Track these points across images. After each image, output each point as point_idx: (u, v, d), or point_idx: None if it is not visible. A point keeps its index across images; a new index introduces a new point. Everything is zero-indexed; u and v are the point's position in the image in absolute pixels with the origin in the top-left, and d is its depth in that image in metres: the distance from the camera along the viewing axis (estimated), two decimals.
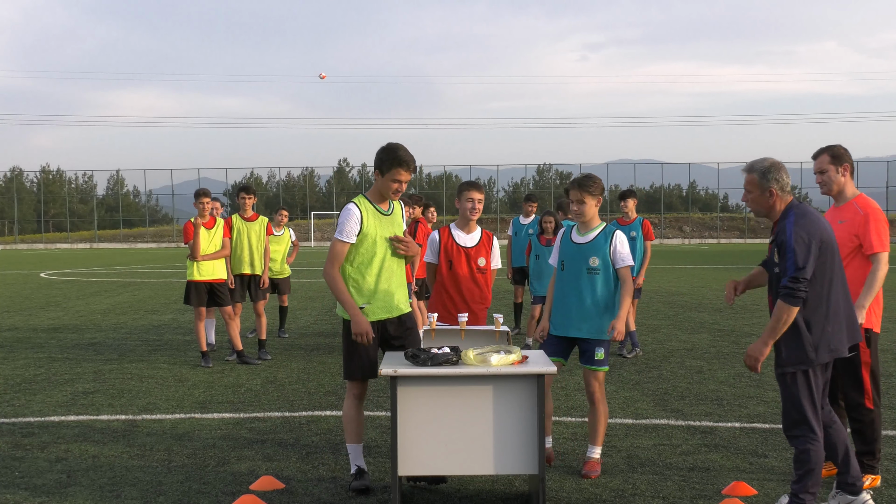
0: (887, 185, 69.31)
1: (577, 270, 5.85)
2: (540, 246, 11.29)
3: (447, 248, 6.53)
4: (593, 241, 5.85)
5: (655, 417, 7.40)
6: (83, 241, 71.24)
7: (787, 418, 4.74)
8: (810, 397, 4.66)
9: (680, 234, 72.40)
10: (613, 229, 5.91)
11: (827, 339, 4.65)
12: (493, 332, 5.85)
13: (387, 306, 5.58)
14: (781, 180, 4.74)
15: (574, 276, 5.85)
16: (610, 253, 5.82)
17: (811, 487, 4.65)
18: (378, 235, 5.51)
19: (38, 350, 11.55)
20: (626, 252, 5.83)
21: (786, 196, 4.76)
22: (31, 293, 21.40)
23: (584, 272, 5.82)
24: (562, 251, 5.99)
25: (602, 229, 5.89)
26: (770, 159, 4.80)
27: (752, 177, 4.77)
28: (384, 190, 5.55)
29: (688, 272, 27.76)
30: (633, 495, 5.36)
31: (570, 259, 5.90)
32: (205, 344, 10.29)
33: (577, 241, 5.92)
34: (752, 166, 4.80)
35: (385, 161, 5.47)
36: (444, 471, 5.08)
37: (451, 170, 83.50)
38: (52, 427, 7.20)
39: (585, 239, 5.89)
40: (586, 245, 5.86)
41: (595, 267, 5.81)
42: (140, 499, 5.37)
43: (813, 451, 4.65)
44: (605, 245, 5.83)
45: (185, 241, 10.49)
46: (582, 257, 5.84)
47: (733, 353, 10.80)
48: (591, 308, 5.81)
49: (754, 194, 4.79)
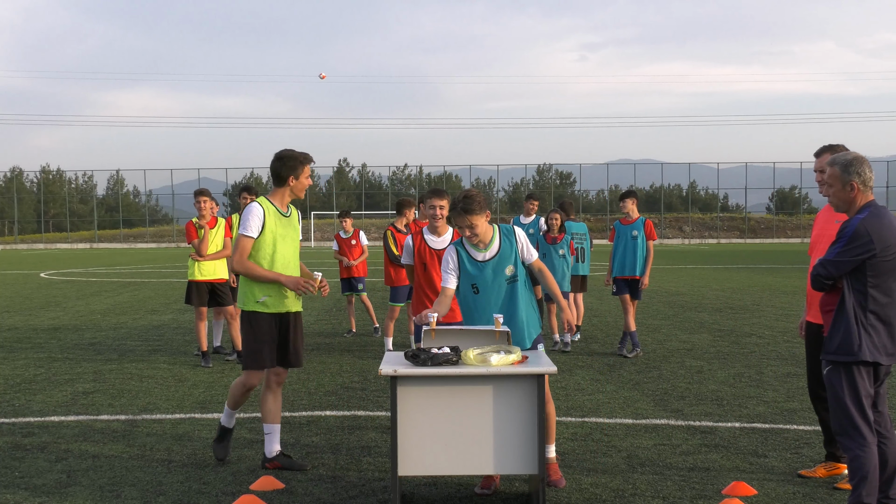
0: (887, 185, 69.34)
1: (497, 287, 5.48)
2: (546, 244, 11.41)
3: (420, 252, 6.97)
4: (500, 252, 5.49)
5: (655, 417, 7.40)
6: (83, 241, 71.25)
7: (835, 422, 4.68)
8: (855, 398, 4.58)
9: (680, 234, 72.41)
10: (510, 229, 5.57)
11: (875, 340, 4.59)
12: (492, 332, 5.81)
13: (284, 301, 5.98)
14: (864, 174, 4.66)
15: (496, 294, 5.49)
16: (520, 253, 5.52)
17: (866, 497, 4.52)
18: (277, 234, 5.95)
19: (38, 350, 11.55)
20: (529, 244, 5.56)
21: (867, 192, 4.69)
22: (31, 293, 21.40)
23: (504, 285, 5.49)
24: (468, 276, 5.50)
25: (500, 236, 5.52)
26: (853, 153, 4.73)
27: (835, 170, 4.71)
28: (299, 191, 6.03)
29: (688, 272, 27.77)
30: (633, 495, 5.36)
31: (484, 279, 5.48)
32: (205, 343, 10.28)
33: (483, 259, 5.49)
34: (834, 160, 4.73)
35: (291, 165, 5.95)
36: (445, 471, 5.08)
37: (451, 170, 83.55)
38: (52, 427, 7.20)
39: (490, 253, 5.49)
40: (495, 259, 5.48)
41: (513, 275, 5.49)
42: (140, 499, 5.37)
43: (863, 457, 4.54)
44: (511, 250, 5.50)
45: (187, 240, 10.49)
46: (496, 271, 5.48)
47: (733, 353, 10.80)
48: (524, 315, 5.54)
49: (836, 188, 4.72)
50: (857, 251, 4.53)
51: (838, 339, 4.63)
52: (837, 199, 4.75)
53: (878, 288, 4.57)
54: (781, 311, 15.61)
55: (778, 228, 74.14)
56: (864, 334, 4.57)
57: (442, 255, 6.65)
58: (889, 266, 4.57)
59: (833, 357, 4.66)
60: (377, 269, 25.94)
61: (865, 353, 4.58)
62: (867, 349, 4.57)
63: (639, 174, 71.66)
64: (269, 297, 5.93)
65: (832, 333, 4.67)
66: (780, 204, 79.36)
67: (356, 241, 13.07)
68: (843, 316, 4.63)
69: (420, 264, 6.94)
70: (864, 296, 4.59)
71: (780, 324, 13.77)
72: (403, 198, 10.43)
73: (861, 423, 4.58)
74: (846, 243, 4.56)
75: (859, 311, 4.59)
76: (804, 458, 6.13)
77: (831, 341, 4.67)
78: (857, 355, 4.58)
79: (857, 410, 4.58)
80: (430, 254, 6.93)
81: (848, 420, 4.59)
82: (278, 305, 5.96)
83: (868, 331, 4.58)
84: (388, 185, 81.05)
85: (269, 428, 6.05)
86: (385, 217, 69.67)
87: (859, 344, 4.57)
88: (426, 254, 6.93)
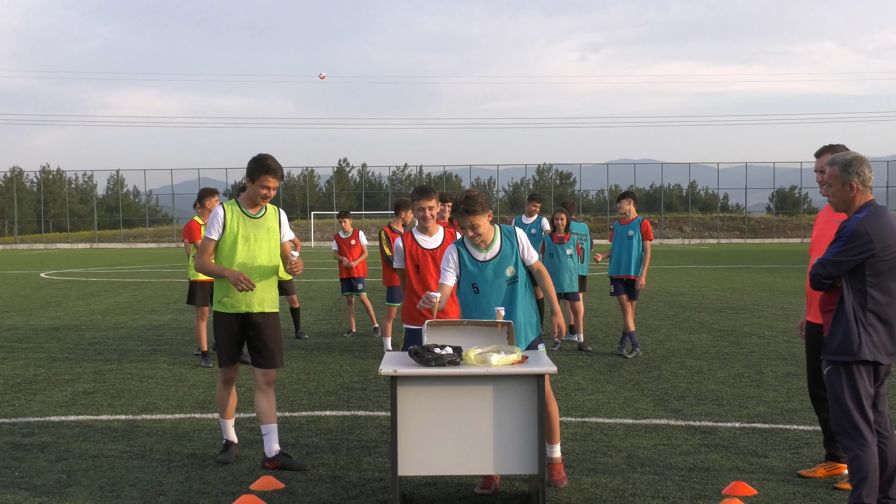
0: (887, 185, 69.35)
1: (497, 287, 5.51)
2: (553, 244, 11.46)
3: (412, 253, 6.68)
4: (501, 252, 5.54)
5: (655, 417, 7.40)
6: (83, 241, 71.26)
7: (836, 421, 4.68)
8: (855, 398, 4.58)
9: (680, 234, 72.42)
10: (511, 230, 5.62)
11: (874, 339, 4.59)
12: (494, 325, 5.74)
13: (244, 301, 6.07)
14: (863, 174, 4.66)
15: (496, 294, 5.51)
16: (521, 254, 5.57)
17: (867, 497, 4.51)
18: (240, 235, 6.05)
19: (38, 350, 11.55)
20: (530, 245, 5.62)
21: (866, 192, 4.69)
22: (31, 293, 21.40)
23: (504, 286, 5.53)
24: (468, 275, 5.55)
25: (501, 237, 5.57)
26: (853, 153, 4.73)
27: (834, 170, 4.71)
28: (253, 195, 6.07)
29: (688, 272, 27.77)
30: (633, 495, 5.36)
31: (484, 279, 5.53)
32: (205, 343, 10.28)
33: (484, 259, 5.54)
34: (834, 160, 4.73)
35: (255, 170, 6.00)
36: (445, 471, 5.08)
37: (451, 170, 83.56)
38: (52, 427, 7.20)
39: (491, 253, 5.54)
40: (496, 259, 5.53)
41: (513, 276, 5.53)
42: (140, 499, 5.37)
43: (863, 457, 4.53)
44: (512, 250, 5.54)
45: (190, 240, 10.44)
46: (497, 272, 5.52)
47: (733, 353, 10.80)
48: (522, 317, 5.55)
49: (835, 188, 4.72)
50: (855, 251, 4.53)
51: (838, 339, 4.63)
52: (837, 198, 4.76)
53: (878, 287, 4.57)
54: (781, 311, 15.61)
55: (778, 228, 74.16)
56: (863, 334, 4.57)
57: (434, 255, 6.66)
58: (888, 265, 4.56)
59: (833, 357, 4.66)
60: (377, 269, 25.94)
61: (865, 352, 4.57)
62: (867, 348, 4.57)
63: (639, 174, 71.72)
64: (228, 298, 6.08)
65: (832, 333, 4.67)
66: (780, 204, 79.37)
67: (356, 242, 13.07)
68: (842, 315, 4.63)
69: (412, 266, 6.71)
70: (863, 295, 4.59)
71: (780, 324, 13.77)
72: (402, 198, 10.42)
73: (861, 422, 4.57)
74: (845, 243, 4.56)
75: (859, 311, 4.59)
76: (804, 458, 6.13)
77: (831, 341, 4.67)
78: (857, 355, 4.57)
79: (858, 410, 4.58)
80: (422, 254, 6.70)
81: (848, 420, 4.59)
82: (237, 306, 6.07)
83: (868, 330, 4.58)
84: (388, 185, 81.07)
85: (266, 428, 6.09)
86: (385, 217, 69.69)
87: (859, 343, 4.57)
88: (418, 255, 6.70)
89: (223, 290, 6.10)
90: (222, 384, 6.30)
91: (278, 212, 6.28)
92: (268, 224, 6.15)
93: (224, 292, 6.10)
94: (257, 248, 6.08)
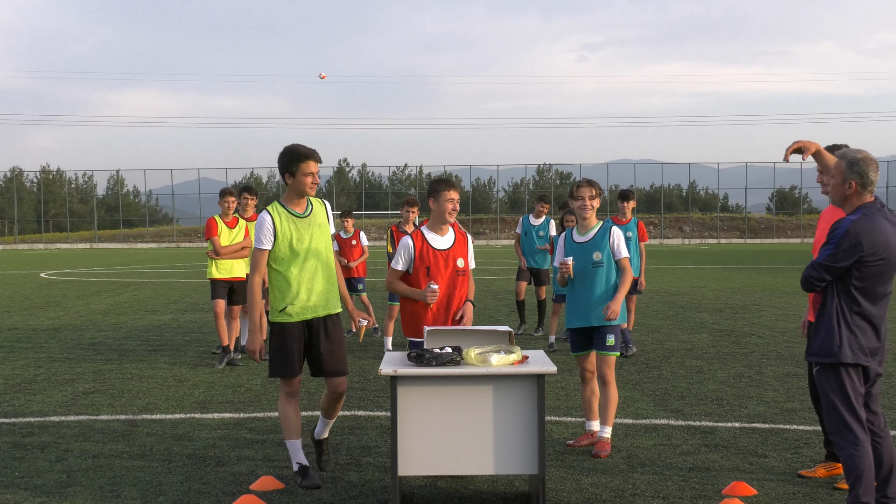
0: (887, 185, 69.31)
1: (583, 266, 6.41)
2: None
3: (423, 254, 5.97)
4: (594, 239, 6.45)
5: (655, 417, 7.41)
6: (83, 241, 71.24)
7: (828, 421, 4.69)
8: (844, 398, 4.59)
9: (680, 234, 72.40)
10: (610, 225, 6.49)
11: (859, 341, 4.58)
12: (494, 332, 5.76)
13: (309, 307, 5.70)
14: (865, 176, 4.63)
15: (582, 271, 6.41)
16: (611, 246, 6.41)
17: (864, 496, 4.50)
18: (294, 238, 5.65)
19: (38, 350, 11.55)
20: (623, 244, 6.45)
21: (865, 194, 4.67)
22: (31, 293, 21.40)
23: (590, 267, 6.39)
24: (567, 252, 6.53)
25: (600, 227, 6.49)
26: (864, 153, 4.71)
27: (840, 163, 4.71)
28: (300, 188, 5.68)
29: (688, 272, 27.77)
30: (633, 495, 5.36)
31: (577, 257, 6.46)
32: (226, 338, 10.23)
33: (579, 241, 6.50)
34: (844, 153, 4.72)
35: (291, 161, 5.63)
36: (445, 471, 5.08)
37: (451, 170, 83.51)
38: (52, 427, 7.20)
39: (586, 238, 6.48)
40: (588, 242, 6.45)
41: (599, 261, 6.38)
42: (140, 499, 5.37)
43: (857, 456, 4.53)
44: (604, 241, 6.43)
45: (206, 236, 10.57)
46: (586, 254, 6.41)
47: (733, 353, 10.80)
48: (600, 298, 6.34)
49: (836, 180, 4.72)
50: (845, 254, 4.52)
51: (819, 341, 4.65)
52: (835, 191, 4.76)
53: (863, 291, 4.57)
54: (781, 311, 15.61)
55: (778, 228, 74.14)
56: (846, 336, 4.58)
57: (445, 257, 6.02)
58: (875, 270, 4.55)
59: (814, 358, 4.68)
60: (377, 269, 25.94)
61: (847, 354, 4.57)
62: (848, 350, 4.57)
63: (639, 174, 71.67)
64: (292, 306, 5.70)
65: (814, 334, 4.69)
66: (780, 204, 79.35)
67: (356, 242, 13.08)
68: (824, 317, 4.64)
69: (423, 268, 5.94)
70: (849, 297, 4.59)
71: (780, 324, 13.77)
72: (409, 196, 10.32)
73: (852, 422, 4.57)
74: (835, 245, 4.55)
75: (843, 313, 4.59)
76: (804, 458, 6.13)
77: (813, 342, 4.70)
78: (838, 356, 4.58)
79: (848, 410, 4.59)
80: (433, 255, 5.97)
81: (839, 420, 4.61)
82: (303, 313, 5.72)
83: (853, 331, 4.58)
84: (388, 185, 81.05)
85: (289, 444, 5.78)
86: (385, 217, 69.67)
87: (839, 345, 4.57)
88: (429, 255, 5.96)
89: (285, 298, 5.66)
90: (287, 398, 5.77)
91: (324, 205, 5.91)
92: (318, 220, 5.78)
93: (288, 301, 5.66)
94: (314, 249, 5.70)
